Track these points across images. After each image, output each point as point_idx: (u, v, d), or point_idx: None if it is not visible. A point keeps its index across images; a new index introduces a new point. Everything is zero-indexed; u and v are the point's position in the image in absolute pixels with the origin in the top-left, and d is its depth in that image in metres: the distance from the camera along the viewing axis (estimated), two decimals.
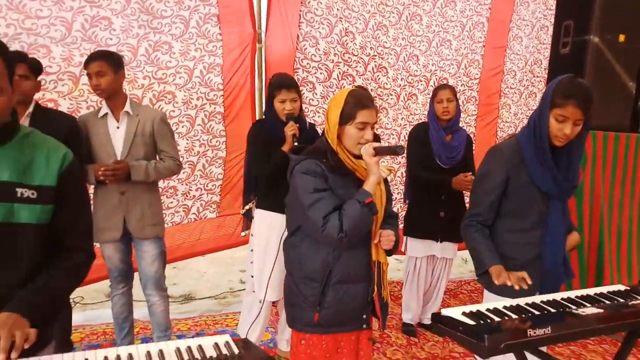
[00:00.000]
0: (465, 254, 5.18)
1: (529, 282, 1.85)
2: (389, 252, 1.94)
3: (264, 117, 2.90)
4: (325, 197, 1.76)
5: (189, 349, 1.24)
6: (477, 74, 4.58)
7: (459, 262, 5.32)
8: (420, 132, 3.26)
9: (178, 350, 1.23)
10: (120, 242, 2.68)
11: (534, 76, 4.76)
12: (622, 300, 1.80)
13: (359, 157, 1.83)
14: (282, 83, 2.70)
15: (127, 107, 2.62)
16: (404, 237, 3.37)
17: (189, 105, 3.60)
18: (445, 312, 1.63)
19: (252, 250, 2.90)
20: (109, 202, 2.61)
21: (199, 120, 3.67)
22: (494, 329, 1.50)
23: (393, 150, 1.78)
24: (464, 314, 1.61)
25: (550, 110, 1.90)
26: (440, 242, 3.28)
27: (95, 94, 2.60)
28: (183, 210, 3.76)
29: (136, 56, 3.30)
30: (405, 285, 3.47)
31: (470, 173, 3.09)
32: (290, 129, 2.62)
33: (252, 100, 3.86)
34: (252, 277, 2.88)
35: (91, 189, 2.73)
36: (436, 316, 1.63)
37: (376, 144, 1.78)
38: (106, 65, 2.51)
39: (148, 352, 1.22)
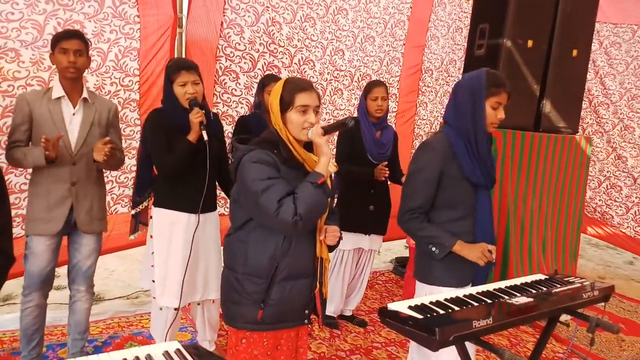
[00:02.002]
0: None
1: (493, 252, 2.09)
2: (331, 248, 1.92)
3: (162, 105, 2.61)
4: (277, 183, 1.70)
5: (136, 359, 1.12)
6: (397, 72, 4.70)
7: None
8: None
9: None
10: (53, 239, 2.44)
11: (448, 75, 4.99)
12: (545, 289, 1.93)
13: (308, 148, 1.78)
14: (181, 64, 2.46)
15: (85, 94, 2.43)
16: None
17: (102, 91, 3.32)
18: (392, 306, 1.64)
19: (152, 253, 2.62)
20: (54, 193, 2.38)
21: None
22: (441, 322, 1.53)
23: (342, 124, 1.75)
24: (410, 307, 1.64)
25: (485, 100, 2.04)
26: (369, 235, 3.34)
27: (65, 73, 2.35)
28: None
29: (42, 35, 2.98)
30: (330, 278, 3.48)
31: (386, 162, 3.20)
32: (197, 116, 2.37)
33: None
34: (154, 282, 2.62)
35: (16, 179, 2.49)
36: (383, 311, 1.64)
37: (324, 124, 1.77)
38: (84, 46, 2.37)
39: None
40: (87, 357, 1.10)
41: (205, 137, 2.38)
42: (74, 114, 2.41)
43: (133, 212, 2.79)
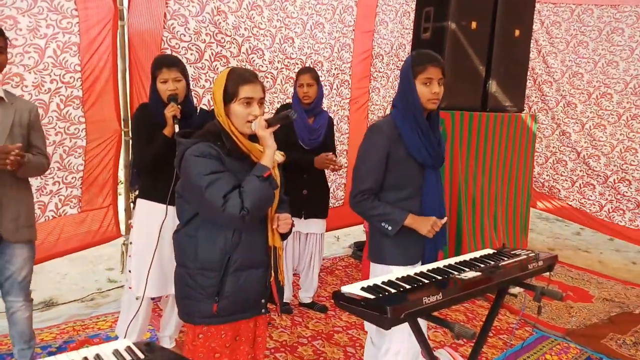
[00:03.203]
0: (338, 232, 5.43)
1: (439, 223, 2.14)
2: (284, 236, 1.93)
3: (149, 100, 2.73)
4: (222, 177, 1.68)
5: None
6: (349, 58, 4.71)
7: (332, 240, 5.52)
8: None
9: None
10: None
11: (399, 60, 5.02)
12: (493, 263, 2.00)
13: (253, 139, 1.77)
14: (162, 62, 2.56)
15: (1, 93, 2.29)
16: None
17: (41, 89, 3.19)
18: (345, 289, 1.67)
19: (131, 243, 2.73)
20: None
21: (53, 106, 3.27)
22: (393, 301, 1.56)
23: (285, 117, 1.76)
24: (362, 289, 1.66)
25: (414, 80, 2.09)
26: (305, 218, 3.39)
27: None
28: (39, 208, 3.32)
29: None
30: None
31: (332, 153, 3.26)
32: (170, 111, 2.47)
33: (115, 82, 3.55)
34: (130, 272, 2.70)
35: None
36: (337, 294, 1.66)
37: (267, 116, 1.76)
38: (4, 43, 2.25)
39: None
40: None
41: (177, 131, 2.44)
42: None
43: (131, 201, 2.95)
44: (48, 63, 3.18)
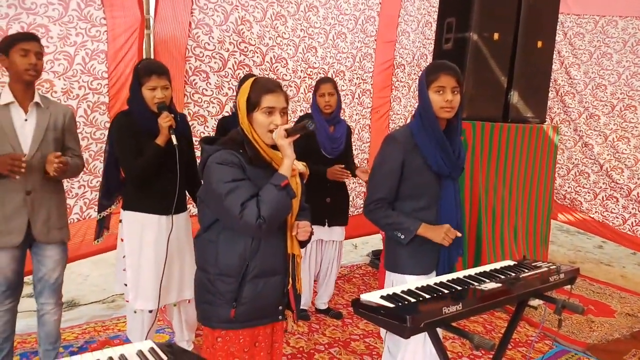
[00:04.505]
0: (356, 240, 5.43)
1: (456, 234, 2.14)
2: (303, 244, 1.94)
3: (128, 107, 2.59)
4: (242, 185, 1.71)
5: None
6: (370, 68, 4.74)
7: (349, 247, 5.53)
8: None
9: None
10: (17, 250, 2.38)
11: (420, 70, 5.03)
12: (513, 274, 1.99)
13: (276, 147, 1.80)
14: (152, 69, 2.44)
15: (37, 98, 2.36)
16: None
17: (70, 95, 3.28)
18: (365, 297, 1.68)
19: (124, 256, 2.63)
20: (9, 203, 2.31)
21: (81, 112, 3.37)
22: (412, 310, 1.57)
23: (303, 127, 1.77)
24: (382, 297, 1.67)
25: (428, 89, 2.10)
26: (329, 226, 3.42)
27: (24, 75, 2.28)
28: None
29: None
30: None
31: (343, 166, 3.26)
32: (166, 120, 2.39)
33: None
34: (126, 285, 2.64)
35: None
36: (356, 302, 1.67)
37: (287, 126, 1.77)
38: (41, 49, 2.32)
39: None
40: None
41: (175, 142, 2.41)
42: (26, 120, 2.33)
43: (100, 216, 2.79)
44: (77, 70, 3.28)
